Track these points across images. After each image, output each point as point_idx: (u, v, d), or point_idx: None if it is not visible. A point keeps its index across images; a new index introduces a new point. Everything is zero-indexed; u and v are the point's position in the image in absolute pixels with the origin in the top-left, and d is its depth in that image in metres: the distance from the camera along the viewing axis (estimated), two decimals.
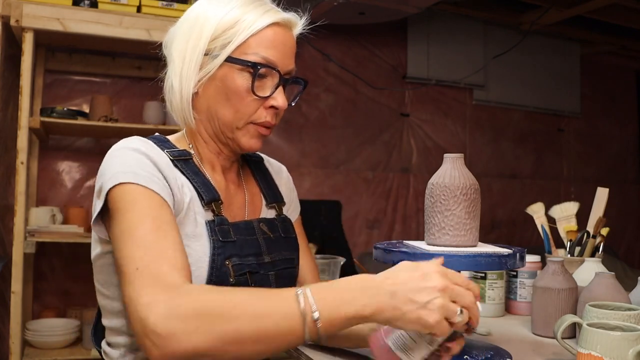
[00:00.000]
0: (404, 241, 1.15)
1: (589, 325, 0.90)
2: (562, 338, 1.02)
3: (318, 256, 1.50)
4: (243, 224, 1.00)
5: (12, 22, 2.21)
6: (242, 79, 0.95)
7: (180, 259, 0.81)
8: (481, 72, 4.05)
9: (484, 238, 1.14)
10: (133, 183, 0.85)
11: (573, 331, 1.21)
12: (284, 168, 1.22)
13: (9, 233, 2.48)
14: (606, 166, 4.68)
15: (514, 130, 4.35)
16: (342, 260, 1.48)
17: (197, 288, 0.81)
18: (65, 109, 2.54)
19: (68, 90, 2.97)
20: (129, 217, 0.83)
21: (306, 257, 1.16)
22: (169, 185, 0.90)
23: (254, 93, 0.96)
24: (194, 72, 0.96)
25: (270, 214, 1.09)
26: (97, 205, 0.89)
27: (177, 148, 0.99)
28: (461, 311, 0.74)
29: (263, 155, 1.20)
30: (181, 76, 0.97)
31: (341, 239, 3.63)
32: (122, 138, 1.04)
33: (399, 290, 0.73)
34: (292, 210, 1.18)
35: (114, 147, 0.93)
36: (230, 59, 0.95)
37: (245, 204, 1.06)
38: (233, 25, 0.94)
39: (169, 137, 1.03)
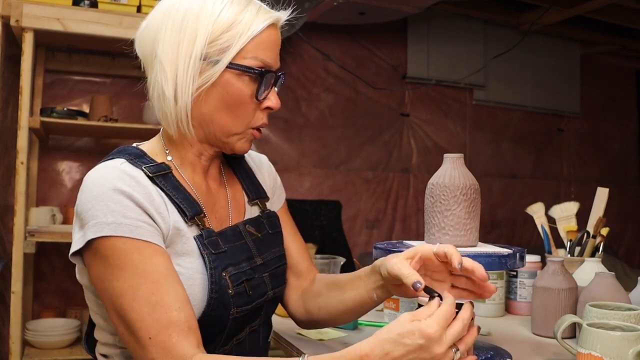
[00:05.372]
0: (404, 241, 1.15)
1: (589, 325, 0.90)
2: (562, 338, 1.02)
3: (318, 256, 1.50)
4: (230, 231, 0.98)
5: (12, 22, 2.21)
6: (243, 85, 0.92)
7: (185, 315, 0.83)
8: (481, 72, 4.05)
9: (484, 238, 1.15)
10: (120, 237, 0.83)
11: (573, 331, 1.21)
12: (264, 158, 1.20)
13: (9, 233, 2.48)
14: (606, 166, 4.68)
15: (514, 130, 4.35)
16: (342, 260, 1.48)
17: None
18: (65, 109, 2.54)
19: (68, 90, 2.97)
20: (127, 275, 0.83)
21: (297, 241, 1.16)
22: (152, 218, 0.87)
23: (257, 99, 0.93)
24: (192, 79, 0.90)
25: (254, 211, 1.07)
26: (77, 242, 0.87)
27: (154, 162, 0.94)
28: (458, 352, 0.79)
29: None
30: (176, 84, 0.91)
31: (341, 239, 3.63)
32: (122, 138, 1.03)
33: None
34: (277, 198, 1.16)
35: (91, 181, 0.87)
36: (232, 65, 0.91)
37: (228, 203, 1.03)
38: (229, 28, 0.90)
39: (144, 147, 0.98)
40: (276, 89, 0.98)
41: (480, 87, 4.16)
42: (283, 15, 0.97)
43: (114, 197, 0.85)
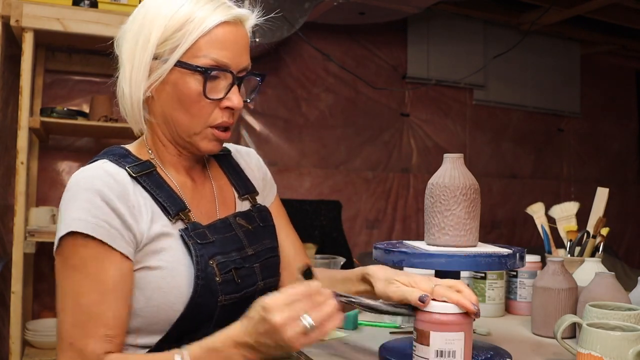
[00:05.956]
0: (404, 241, 1.15)
1: (589, 325, 0.90)
2: (562, 338, 1.02)
3: (318, 256, 1.50)
4: (219, 223, 0.99)
5: (12, 22, 2.21)
6: (194, 83, 0.92)
7: (115, 332, 0.87)
8: (481, 72, 4.05)
9: (484, 238, 1.15)
10: (83, 237, 0.86)
11: (573, 331, 1.21)
12: (252, 152, 1.20)
13: (9, 233, 2.48)
14: (606, 166, 4.68)
15: (514, 130, 4.35)
16: (342, 260, 1.48)
17: None
18: (65, 109, 2.54)
19: (68, 90, 2.97)
20: (79, 278, 0.86)
21: (290, 235, 1.17)
22: (121, 218, 0.88)
23: (206, 97, 0.93)
24: (144, 77, 0.93)
25: (244, 206, 1.08)
26: (55, 243, 0.90)
27: (139, 160, 0.96)
28: (311, 321, 0.78)
29: (231, 146, 1.17)
30: (131, 81, 0.94)
31: (341, 239, 3.63)
32: (122, 138, 1.04)
33: (252, 342, 0.80)
34: (268, 192, 1.16)
35: (71, 182, 0.91)
36: (180, 64, 0.92)
37: (214, 198, 1.04)
38: (181, 27, 0.91)
39: (130, 147, 1.01)
40: (240, 88, 0.97)
41: (480, 87, 4.16)
42: (246, 14, 0.97)
43: (86, 196, 0.88)
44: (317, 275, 1.07)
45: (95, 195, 0.87)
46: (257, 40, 2.98)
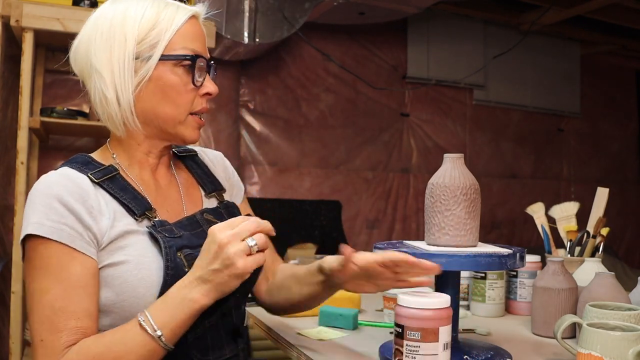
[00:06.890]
0: (404, 241, 1.15)
1: (589, 325, 0.90)
2: (562, 338, 1.02)
3: (318, 256, 1.50)
4: (185, 220, 1.01)
5: (12, 22, 2.21)
6: (177, 74, 0.98)
7: (84, 325, 0.88)
8: (481, 72, 4.05)
9: (484, 238, 1.15)
10: (44, 240, 0.87)
11: (573, 331, 1.21)
12: (218, 154, 1.23)
13: (9, 233, 2.48)
14: (606, 166, 4.68)
15: (514, 130, 4.35)
16: None
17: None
18: (65, 109, 2.54)
19: (68, 90, 2.97)
20: (40, 278, 0.88)
21: None
22: (81, 220, 0.90)
23: (194, 84, 0.98)
24: (130, 78, 0.96)
25: (212, 203, 1.09)
26: (20, 251, 0.94)
27: (102, 166, 0.99)
28: (253, 241, 0.86)
29: (197, 148, 1.20)
30: (116, 86, 0.96)
31: (341, 239, 3.63)
32: None
33: (203, 272, 0.87)
34: (236, 194, 1.18)
35: (33, 189, 0.93)
36: (165, 57, 0.96)
37: (181, 197, 1.06)
38: (154, 26, 0.96)
39: (94, 154, 1.03)
40: (210, 76, 1.03)
41: (480, 87, 4.16)
42: (202, 9, 1.04)
43: (44, 200, 0.90)
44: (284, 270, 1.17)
45: (53, 199, 0.89)
46: (257, 40, 2.98)
